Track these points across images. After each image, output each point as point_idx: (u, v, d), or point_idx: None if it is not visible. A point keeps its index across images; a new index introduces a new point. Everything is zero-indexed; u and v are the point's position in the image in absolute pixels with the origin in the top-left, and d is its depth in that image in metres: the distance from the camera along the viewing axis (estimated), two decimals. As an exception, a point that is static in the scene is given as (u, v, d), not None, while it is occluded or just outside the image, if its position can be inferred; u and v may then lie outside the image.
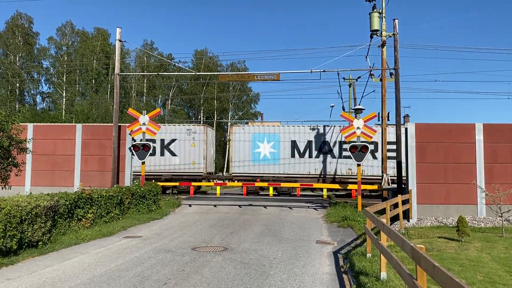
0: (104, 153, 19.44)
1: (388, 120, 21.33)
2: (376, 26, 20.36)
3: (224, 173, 39.39)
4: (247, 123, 30.07)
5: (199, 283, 7.13)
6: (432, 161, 15.90)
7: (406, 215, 15.65)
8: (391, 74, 20.14)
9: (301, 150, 26.21)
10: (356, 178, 21.57)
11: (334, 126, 26.31)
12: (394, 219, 14.83)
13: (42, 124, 21.42)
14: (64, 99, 52.34)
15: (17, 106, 49.09)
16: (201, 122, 57.63)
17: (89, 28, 77.72)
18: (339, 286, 7.19)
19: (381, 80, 20.55)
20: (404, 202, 14.95)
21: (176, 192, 27.77)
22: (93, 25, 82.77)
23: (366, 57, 22.31)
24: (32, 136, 19.00)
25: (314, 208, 19.55)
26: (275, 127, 26.73)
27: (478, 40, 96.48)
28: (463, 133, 16.03)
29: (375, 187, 20.83)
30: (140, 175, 19.51)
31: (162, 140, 27.14)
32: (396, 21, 19.22)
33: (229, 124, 61.97)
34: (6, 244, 8.57)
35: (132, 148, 18.76)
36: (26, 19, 53.52)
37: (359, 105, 21.70)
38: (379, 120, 21.65)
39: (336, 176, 25.81)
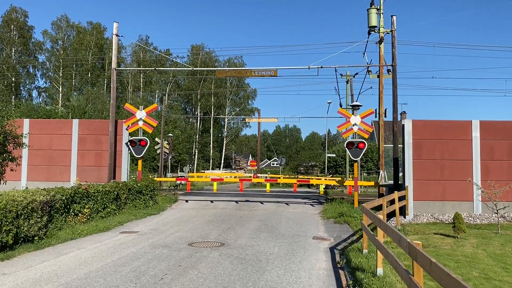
0: (101, 148, 19.38)
1: (385, 117, 21.35)
2: (374, 22, 20.35)
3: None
4: (244, 119, 29.97)
5: (195, 278, 7.13)
6: (429, 157, 15.93)
7: (403, 211, 15.70)
8: (388, 70, 20.13)
9: None
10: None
11: None
12: (391, 215, 14.87)
13: (38, 119, 21.31)
14: (60, 94, 52.08)
15: (13, 101, 48.81)
16: (198, 118, 57.60)
17: (84, 22, 77.26)
18: (335, 282, 7.20)
19: (378, 76, 20.56)
20: (401, 198, 14.98)
21: (172, 187, 27.78)
22: (88, 19, 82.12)
23: (364, 54, 22.40)
24: (29, 131, 18.90)
25: (311, 204, 19.58)
26: None
27: (476, 38, 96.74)
28: (460, 130, 16.05)
29: (371, 183, 20.87)
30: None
31: None
32: (394, 17, 19.19)
33: (226, 120, 62.00)
34: (2, 239, 8.53)
35: (129, 143, 18.70)
36: (21, 13, 53.15)
37: (356, 101, 21.69)
38: (376, 117, 21.67)
39: None
